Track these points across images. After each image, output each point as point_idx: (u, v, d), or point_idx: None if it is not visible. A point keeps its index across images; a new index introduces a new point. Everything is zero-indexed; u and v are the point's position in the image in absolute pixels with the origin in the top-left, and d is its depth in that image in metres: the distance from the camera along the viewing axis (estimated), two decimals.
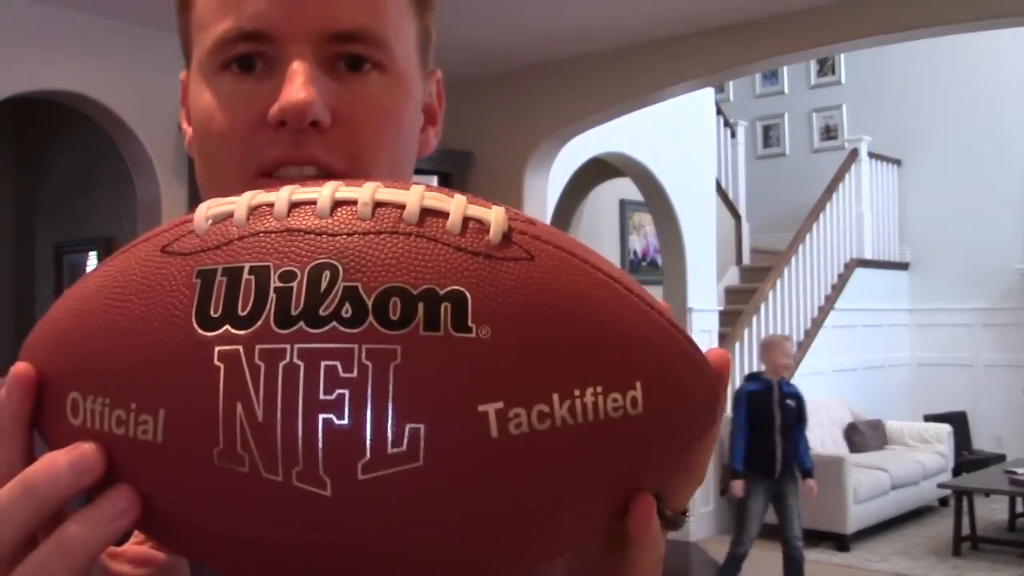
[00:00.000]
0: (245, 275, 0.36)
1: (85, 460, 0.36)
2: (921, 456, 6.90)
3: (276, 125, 0.54)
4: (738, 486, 4.68)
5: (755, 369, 6.97)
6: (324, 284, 0.35)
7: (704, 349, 0.41)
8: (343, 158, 0.55)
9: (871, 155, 8.41)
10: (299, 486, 0.34)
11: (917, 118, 8.74)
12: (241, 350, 0.35)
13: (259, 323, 0.35)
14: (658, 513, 0.43)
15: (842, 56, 9.04)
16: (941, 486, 6.45)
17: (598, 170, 6.49)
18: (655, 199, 6.36)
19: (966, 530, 5.96)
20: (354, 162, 0.56)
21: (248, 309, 0.35)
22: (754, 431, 4.59)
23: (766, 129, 9.82)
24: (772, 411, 4.59)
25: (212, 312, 0.36)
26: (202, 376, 0.35)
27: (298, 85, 0.53)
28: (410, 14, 0.60)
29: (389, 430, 0.34)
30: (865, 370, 8.08)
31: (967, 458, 7.52)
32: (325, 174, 0.54)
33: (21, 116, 5.70)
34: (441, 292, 0.35)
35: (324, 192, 0.38)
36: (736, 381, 6.76)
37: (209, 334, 0.35)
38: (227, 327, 0.35)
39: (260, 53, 0.56)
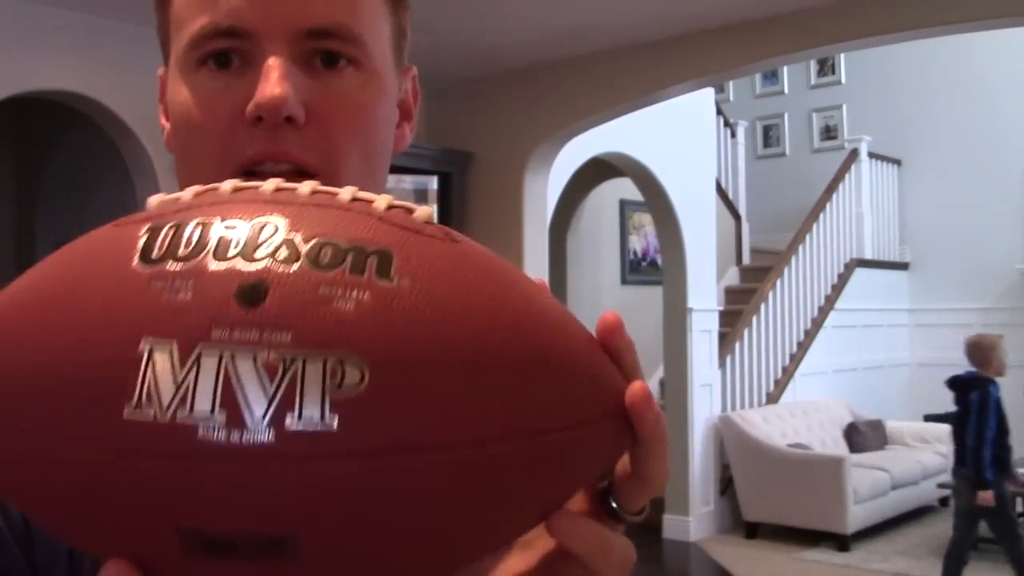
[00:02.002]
0: (191, 226, 0.38)
1: None
2: (921, 456, 6.90)
3: (252, 121, 0.55)
4: (988, 497, 4.46)
5: (753, 369, 6.98)
6: (264, 234, 0.37)
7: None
8: (318, 154, 0.56)
9: (871, 155, 8.41)
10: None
11: (917, 118, 8.74)
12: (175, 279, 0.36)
13: (197, 259, 0.36)
14: (611, 513, 0.43)
15: (842, 56, 9.04)
16: (941, 486, 6.45)
17: (598, 170, 6.49)
18: (655, 199, 6.36)
19: None
20: (329, 158, 0.57)
21: (189, 250, 0.36)
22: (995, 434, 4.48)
23: (766, 129, 9.82)
24: (1004, 412, 4.51)
25: (154, 255, 0.37)
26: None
27: (273, 81, 0.54)
28: (385, 12, 0.61)
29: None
30: (865, 370, 8.08)
31: None
32: (300, 170, 0.56)
33: (21, 116, 5.70)
34: (369, 248, 0.37)
35: (266, 184, 0.40)
36: (739, 378, 6.77)
37: (147, 269, 0.36)
38: (166, 263, 0.36)
39: (236, 49, 0.56)
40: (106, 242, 0.39)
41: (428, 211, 0.40)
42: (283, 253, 0.36)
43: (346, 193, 0.40)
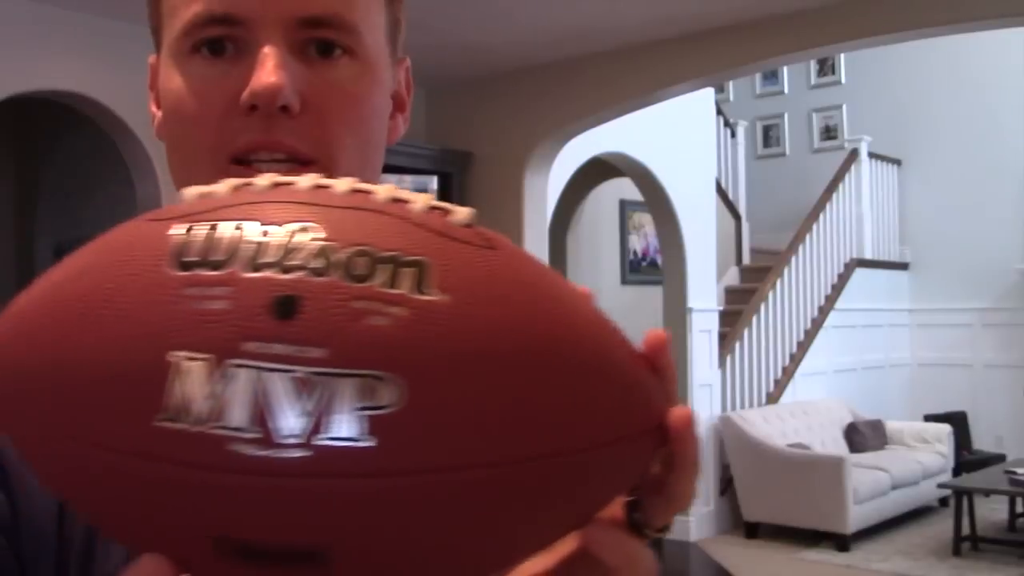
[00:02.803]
0: (226, 228, 0.37)
1: None
2: (921, 456, 6.90)
3: (247, 109, 0.55)
4: None
5: (753, 369, 6.98)
6: (299, 240, 0.36)
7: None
8: (312, 144, 0.56)
9: (871, 155, 8.41)
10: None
11: (917, 118, 8.74)
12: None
13: (231, 267, 0.35)
14: (635, 526, 0.43)
15: (842, 56, 9.04)
16: (941, 486, 6.45)
17: (598, 170, 6.49)
18: (655, 199, 6.36)
19: (966, 530, 5.96)
20: (323, 148, 0.56)
21: (223, 256, 0.36)
22: None
23: (766, 129, 9.82)
24: None
25: (187, 259, 0.36)
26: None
27: (269, 69, 0.54)
28: (380, 3, 0.61)
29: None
30: (865, 370, 8.08)
31: (967, 458, 7.52)
32: (294, 159, 0.56)
33: (21, 116, 5.70)
34: (405, 259, 0.36)
35: (303, 179, 0.40)
36: (739, 378, 6.77)
37: (181, 274, 0.36)
38: (199, 269, 0.36)
39: (230, 36, 0.56)
40: (140, 239, 0.38)
41: (467, 213, 0.39)
42: (317, 263, 0.35)
43: (384, 193, 0.39)
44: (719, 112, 7.90)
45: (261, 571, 0.35)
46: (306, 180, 0.39)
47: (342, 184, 0.39)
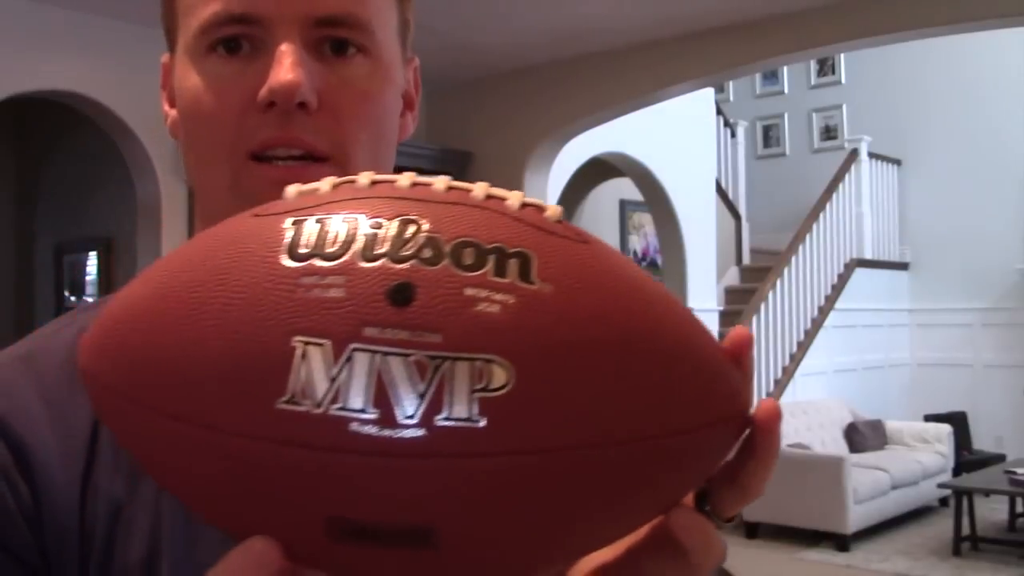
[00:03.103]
0: (336, 222, 0.39)
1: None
2: (921, 456, 6.90)
3: (265, 106, 0.55)
4: None
5: (753, 369, 6.98)
6: (408, 232, 0.38)
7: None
8: (328, 140, 0.57)
9: (871, 155, 8.41)
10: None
11: (917, 118, 8.74)
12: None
13: (346, 256, 0.37)
14: (706, 514, 0.45)
15: (842, 56, 9.04)
16: (941, 486, 6.45)
17: (598, 170, 6.49)
18: (655, 199, 6.36)
19: (966, 530, 5.96)
20: (338, 144, 0.57)
21: (336, 247, 0.38)
22: None
23: (766, 129, 9.82)
24: None
25: (301, 250, 0.38)
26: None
27: (287, 67, 0.55)
28: (392, 3, 0.62)
29: None
30: (865, 370, 8.08)
31: (967, 458, 7.52)
32: (311, 156, 0.57)
33: (21, 116, 5.70)
34: (509, 250, 0.38)
35: (401, 178, 0.41)
36: None
37: (296, 265, 0.37)
38: (314, 260, 0.37)
39: (247, 36, 0.57)
40: (249, 233, 0.40)
41: (559, 210, 0.41)
42: (427, 253, 0.37)
43: (479, 190, 0.40)
44: (719, 112, 7.91)
45: (369, 552, 0.37)
46: (404, 178, 0.41)
47: (440, 182, 0.41)
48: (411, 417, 0.35)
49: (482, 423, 0.35)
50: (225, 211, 0.56)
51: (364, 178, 0.41)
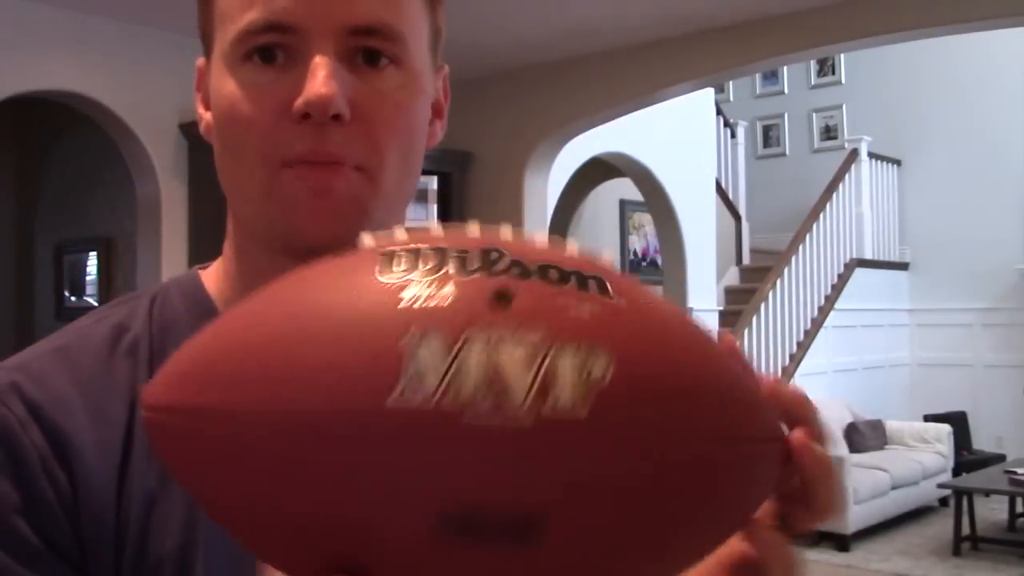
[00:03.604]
0: (425, 250, 0.42)
1: None
2: (921, 456, 6.90)
3: (299, 117, 0.57)
4: None
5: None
6: (493, 256, 0.42)
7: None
8: (361, 151, 0.58)
9: (871, 155, 8.41)
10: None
11: (917, 118, 8.74)
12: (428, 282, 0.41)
13: (441, 272, 0.41)
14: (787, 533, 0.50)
15: (842, 56, 9.04)
16: (941, 486, 6.45)
17: (598, 170, 6.49)
18: (655, 199, 6.36)
19: (966, 530, 5.96)
20: (371, 154, 0.59)
21: (431, 266, 0.41)
22: None
23: (766, 129, 9.82)
24: None
25: (397, 269, 0.41)
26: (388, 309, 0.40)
27: (321, 79, 0.56)
28: (424, 13, 0.63)
29: None
30: (865, 370, 8.08)
31: (967, 458, 7.52)
32: (343, 165, 0.59)
33: (21, 116, 5.70)
34: (586, 273, 0.43)
35: (470, 227, 0.45)
36: None
37: (395, 281, 0.41)
38: (412, 275, 0.41)
39: (282, 44, 0.58)
40: (339, 264, 0.43)
41: (612, 257, 0.46)
42: (517, 270, 0.41)
43: (541, 236, 0.45)
44: (719, 112, 7.91)
45: (473, 553, 0.39)
46: (506, 230, 0.45)
47: (505, 230, 0.45)
48: (520, 406, 0.38)
49: (584, 411, 0.38)
50: (258, 216, 0.60)
51: (438, 228, 0.45)
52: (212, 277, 0.68)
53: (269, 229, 0.60)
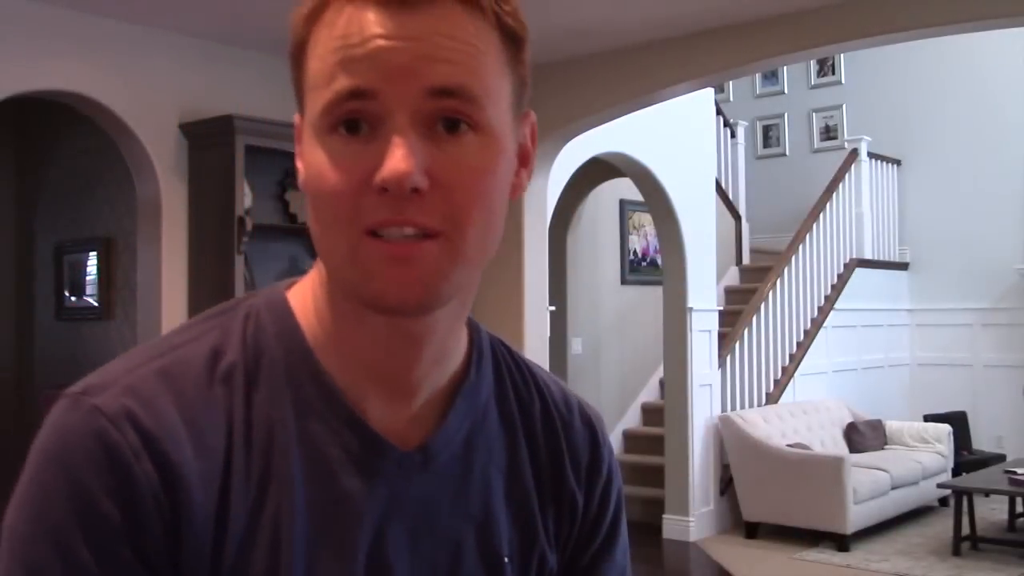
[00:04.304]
0: None
1: None
2: (921, 456, 6.90)
3: (380, 190, 0.60)
4: None
5: (752, 369, 6.98)
6: None
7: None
8: (440, 218, 0.61)
9: (871, 155, 8.41)
10: None
11: (917, 118, 8.74)
12: None
13: None
14: None
15: (842, 56, 9.04)
16: (941, 486, 6.45)
17: (598, 170, 6.49)
18: (655, 199, 6.36)
19: (966, 530, 5.96)
20: (450, 219, 0.62)
21: None
22: None
23: (766, 129, 9.82)
24: None
25: None
26: None
27: (399, 157, 0.59)
28: (505, 71, 0.65)
29: None
30: (865, 370, 8.08)
31: (967, 458, 7.52)
32: (423, 233, 0.61)
33: (21, 116, 5.70)
34: None
35: None
36: (739, 378, 6.77)
37: None
38: None
39: (364, 112, 0.61)
40: None
41: None
42: None
43: None
44: (719, 112, 7.90)
45: None
46: None
47: None
48: None
49: None
50: (344, 278, 0.64)
51: None
52: (300, 307, 0.71)
53: (354, 291, 0.65)
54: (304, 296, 0.71)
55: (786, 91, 9.67)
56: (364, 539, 0.67)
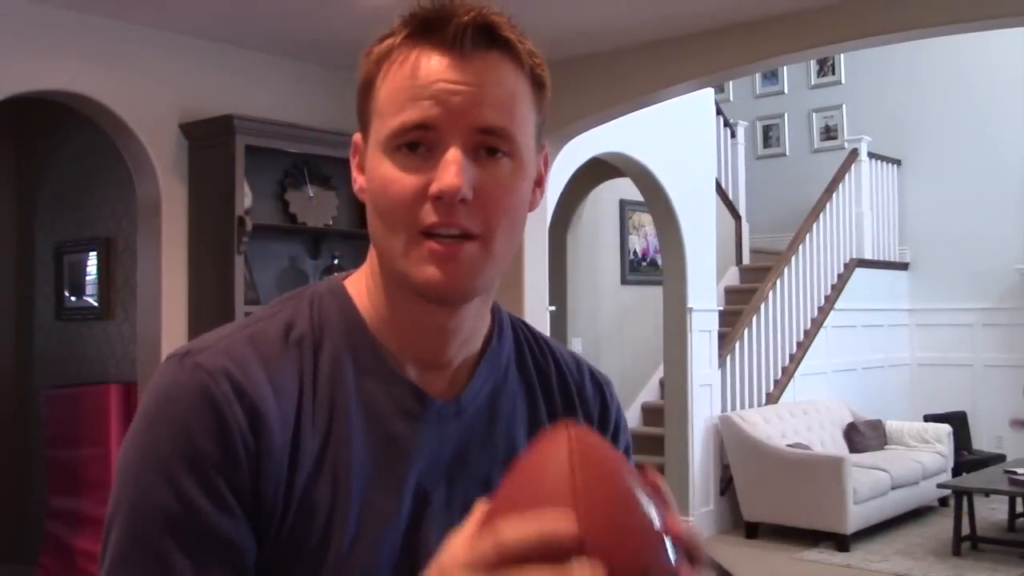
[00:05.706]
0: None
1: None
2: (921, 456, 6.90)
3: (435, 198, 0.77)
4: None
5: (753, 369, 6.98)
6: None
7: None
8: (479, 223, 0.78)
9: (871, 155, 8.41)
10: None
11: (917, 118, 8.74)
12: None
13: None
14: None
15: (842, 56, 9.04)
16: (941, 486, 6.45)
17: (598, 170, 6.49)
18: (655, 199, 6.36)
19: (966, 530, 5.96)
20: (485, 226, 0.78)
21: None
22: None
23: (766, 129, 9.82)
24: None
25: None
26: None
27: (452, 173, 0.76)
28: (532, 112, 0.83)
29: None
30: (865, 370, 8.08)
31: (967, 458, 7.52)
32: (465, 234, 0.78)
33: (21, 116, 5.70)
34: None
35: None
36: (739, 378, 6.77)
37: None
38: None
39: (426, 139, 0.78)
40: None
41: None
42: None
43: None
44: (719, 112, 7.90)
45: None
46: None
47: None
48: None
49: None
50: (399, 270, 0.80)
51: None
52: (356, 292, 0.87)
53: (407, 281, 0.80)
54: (359, 285, 0.87)
55: (786, 91, 9.67)
56: (410, 474, 0.82)
